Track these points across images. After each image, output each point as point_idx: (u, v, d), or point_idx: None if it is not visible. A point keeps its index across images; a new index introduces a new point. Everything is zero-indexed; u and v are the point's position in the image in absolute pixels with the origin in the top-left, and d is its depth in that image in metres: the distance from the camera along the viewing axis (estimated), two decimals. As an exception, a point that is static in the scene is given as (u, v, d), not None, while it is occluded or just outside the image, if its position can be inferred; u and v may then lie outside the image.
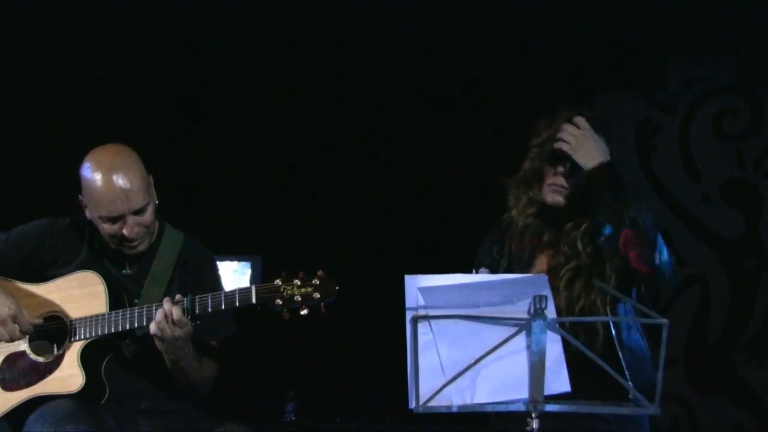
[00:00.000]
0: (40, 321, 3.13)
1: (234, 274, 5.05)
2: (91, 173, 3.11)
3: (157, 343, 3.03)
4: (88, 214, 3.18)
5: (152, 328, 3.00)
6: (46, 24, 4.79)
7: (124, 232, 3.11)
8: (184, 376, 3.15)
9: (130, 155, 3.16)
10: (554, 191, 3.02)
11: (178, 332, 3.01)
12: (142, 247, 3.19)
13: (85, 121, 5.10)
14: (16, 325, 3.07)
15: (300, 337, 4.71)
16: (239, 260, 5.10)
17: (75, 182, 3.20)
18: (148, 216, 3.15)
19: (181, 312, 2.99)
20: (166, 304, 3.00)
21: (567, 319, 2.74)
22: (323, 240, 5.27)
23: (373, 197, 5.34)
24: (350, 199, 5.37)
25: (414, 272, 2.58)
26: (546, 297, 2.49)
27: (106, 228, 3.13)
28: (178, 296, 3.04)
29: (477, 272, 3.11)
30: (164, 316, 2.99)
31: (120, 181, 3.08)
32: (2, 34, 4.85)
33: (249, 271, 5.10)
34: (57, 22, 4.76)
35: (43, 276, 3.21)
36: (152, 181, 3.18)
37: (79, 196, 3.18)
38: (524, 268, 3.03)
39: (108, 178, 3.08)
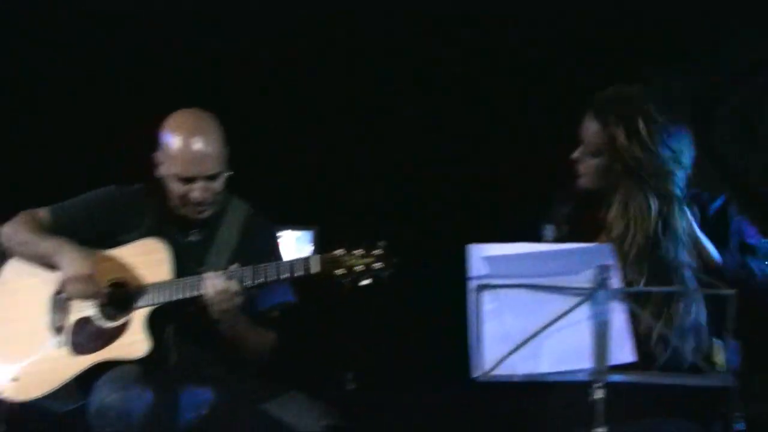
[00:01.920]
0: (106, 291, 3.18)
1: (297, 243, 5.07)
2: (173, 131, 3.18)
3: (212, 311, 3.07)
4: (161, 171, 3.23)
5: (208, 296, 3.04)
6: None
7: (194, 194, 3.16)
8: (241, 344, 3.19)
9: (214, 123, 3.22)
10: (579, 176, 3.01)
11: (236, 302, 3.05)
12: (206, 213, 3.23)
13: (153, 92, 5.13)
14: (90, 285, 3.13)
15: (360, 306, 4.72)
16: (299, 230, 5.12)
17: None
18: (218, 184, 3.20)
19: (237, 284, 3.03)
20: (219, 276, 3.03)
21: (631, 290, 2.71)
22: (384, 209, 5.27)
23: (436, 166, 5.32)
24: (413, 168, 5.35)
25: (476, 241, 2.58)
26: (610, 266, 2.49)
27: (176, 187, 3.18)
28: (235, 265, 3.07)
29: (545, 227, 3.10)
30: (221, 289, 3.02)
31: (199, 144, 3.15)
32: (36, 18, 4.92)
33: (310, 240, 5.11)
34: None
35: (109, 242, 3.26)
36: (228, 154, 3.23)
37: (156, 153, 3.23)
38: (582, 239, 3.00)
39: (189, 138, 3.15)
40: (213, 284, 3.04)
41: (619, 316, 2.52)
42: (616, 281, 2.50)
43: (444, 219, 5.16)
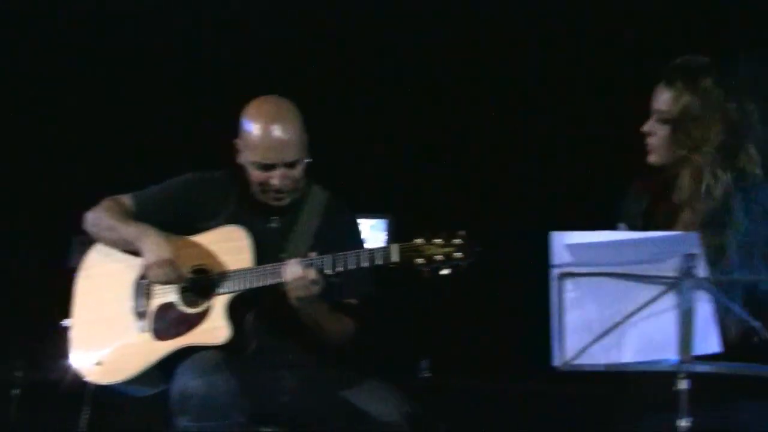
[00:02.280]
0: (188, 275, 3.21)
1: (371, 231, 5.07)
2: (252, 119, 3.21)
3: (291, 298, 3.08)
4: (241, 159, 3.26)
5: (287, 280, 3.05)
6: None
7: (274, 181, 3.18)
8: (319, 331, 3.20)
9: (293, 110, 3.25)
10: (648, 151, 2.96)
11: (313, 289, 3.06)
12: (286, 201, 3.25)
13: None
14: (171, 270, 3.16)
15: (436, 294, 4.72)
16: (374, 218, 5.12)
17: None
18: (298, 171, 3.22)
19: (315, 272, 3.03)
20: (297, 264, 3.04)
21: (718, 279, 2.66)
22: (462, 197, 5.25)
23: (515, 153, 5.28)
24: (491, 153, 5.32)
25: (557, 229, 2.56)
26: (697, 255, 2.45)
27: (256, 175, 3.21)
28: (314, 253, 3.09)
29: (618, 226, 3.05)
30: (298, 276, 3.03)
31: (278, 131, 3.17)
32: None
33: (385, 229, 5.11)
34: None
35: (192, 228, 3.29)
36: (307, 141, 3.24)
37: (235, 140, 3.26)
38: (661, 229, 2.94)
39: (268, 126, 3.18)
40: (291, 271, 3.05)
41: (704, 306, 2.48)
42: (702, 270, 2.46)
43: (525, 206, 5.12)
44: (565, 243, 2.51)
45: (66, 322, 3.37)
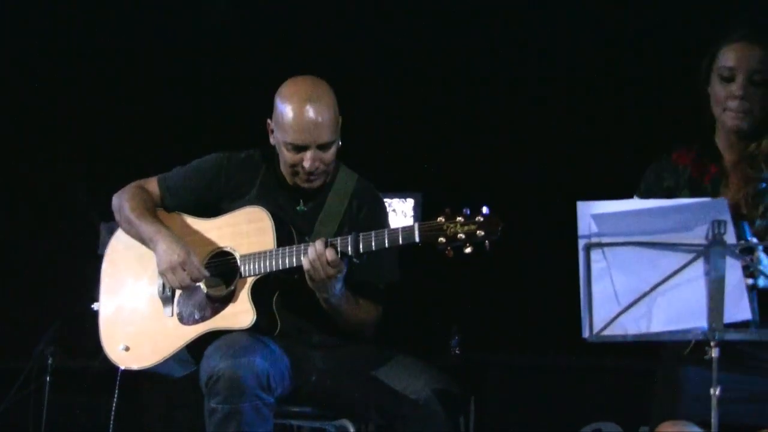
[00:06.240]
0: (207, 273, 3.17)
1: (400, 208, 5.05)
2: (286, 98, 3.16)
3: (308, 280, 3.05)
4: (272, 139, 3.23)
5: (305, 264, 3.02)
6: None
7: (305, 163, 3.14)
8: (339, 316, 3.17)
9: (328, 91, 3.19)
10: (733, 117, 2.80)
11: (330, 271, 3.02)
12: (317, 183, 3.21)
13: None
14: (185, 273, 3.13)
15: (463, 270, 4.69)
16: (400, 197, 5.10)
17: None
18: (330, 154, 3.17)
19: (334, 253, 3.00)
20: (319, 243, 3.01)
21: (748, 244, 2.61)
22: (487, 169, 5.21)
23: (540, 123, 5.24)
24: (515, 126, 5.28)
25: (584, 198, 2.53)
26: (725, 222, 2.41)
27: (288, 156, 3.17)
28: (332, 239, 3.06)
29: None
30: (317, 256, 3.00)
31: (312, 112, 3.12)
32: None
33: (412, 207, 5.09)
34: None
35: (217, 209, 3.27)
36: (341, 122, 3.20)
37: (268, 120, 3.23)
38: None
39: (302, 106, 3.12)
40: (313, 254, 3.01)
41: (734, 273, 2.44)
42: (731, 236, 2.42)
43: (555, 175, 5.08)
44: (592, 213, 2.48)
45: (95, 306, 3.37)
